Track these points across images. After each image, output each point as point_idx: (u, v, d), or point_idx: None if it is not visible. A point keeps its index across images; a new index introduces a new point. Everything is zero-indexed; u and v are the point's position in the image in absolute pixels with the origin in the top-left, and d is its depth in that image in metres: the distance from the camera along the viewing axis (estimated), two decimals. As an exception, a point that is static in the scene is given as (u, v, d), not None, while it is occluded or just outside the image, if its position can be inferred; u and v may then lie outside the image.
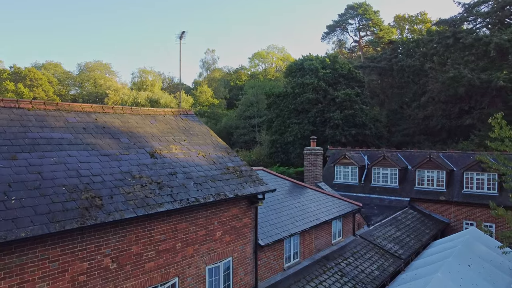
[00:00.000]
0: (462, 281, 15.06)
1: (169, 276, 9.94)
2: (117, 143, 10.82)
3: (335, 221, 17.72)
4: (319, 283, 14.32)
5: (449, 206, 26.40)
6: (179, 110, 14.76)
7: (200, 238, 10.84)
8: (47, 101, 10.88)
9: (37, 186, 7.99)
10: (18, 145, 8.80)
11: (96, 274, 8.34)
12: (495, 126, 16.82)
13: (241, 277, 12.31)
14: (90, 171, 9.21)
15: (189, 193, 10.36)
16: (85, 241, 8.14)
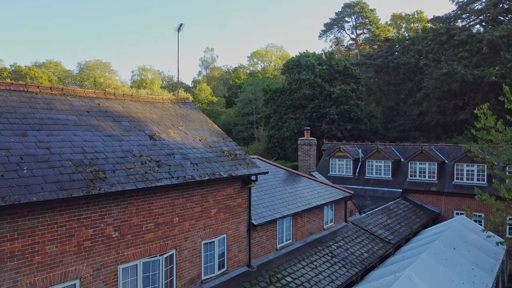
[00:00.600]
0: (447, 261, 15.82)
1: (167, 248, 10.69)
2: (118, 125, 11.58)
3: (327, 207, 18.48)
4: (310, 262, 15.08)
5: (440, 197, 27.16)
6: (177, 98, 15.53)
7: (196, 214, 11.60)
8: (53, 86, 11.62)
9: (46, 159, 8.74)
10: (28, 124, 9.55)
11: (99, 241, 9.10)
12: (481, 117, 17.61)
13: (235, 253, 13.06)
14: (94, 148, 9.97)
15: (185, 171, 11.12)
16: (90, 209, 8.90)
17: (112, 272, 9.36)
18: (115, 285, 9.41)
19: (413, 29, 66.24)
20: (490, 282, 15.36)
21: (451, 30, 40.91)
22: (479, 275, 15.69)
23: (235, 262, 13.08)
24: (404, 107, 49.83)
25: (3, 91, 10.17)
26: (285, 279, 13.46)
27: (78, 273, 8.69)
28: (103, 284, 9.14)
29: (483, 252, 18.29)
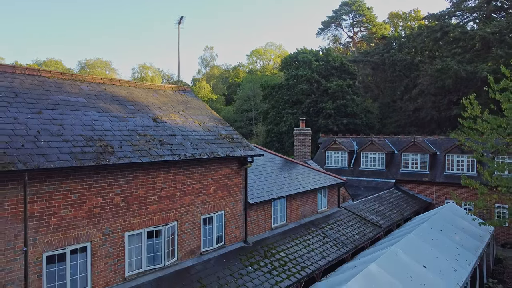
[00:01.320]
0: (432, 241, 16.75)
1: (169, 219, 11.61)
2: (124, 108, 12.50)
3: (320, 191, 19.40)
4: (303, 241, 16.00)
5: (431, 187, 28.08)
6: (178, 86, 16.45)
7: (196, 190, 12.52)
8: (63, 72, 12.53)
9: (60, 134, 9.67)
10: (42, 104, 10.47)
11: (108, 208, 10.02)
12: (468, 106, 18.49)
13: (232, 229, 13.98)
14: (102, 127, 10.90)
15: (186, 150, 12.05)
16: (99, 179, 9.82)
17: (119, 238, 10.28)
18: (122, 250, 10.33)
19: (410, 27, 67.21)
20: (473, 261, 16.27)
21: (445, 27, 41.85)
22: (463, 254, 16.61)
23: (232, 238, 14.00)
24: (400, 103, 50.75)
25: (18, 75, 11.10)
26: (279, 254, 14.38)
27: (89, 237, 9.61)
28: (111, 248, 10.07)
29: (468, 235, 19.21)
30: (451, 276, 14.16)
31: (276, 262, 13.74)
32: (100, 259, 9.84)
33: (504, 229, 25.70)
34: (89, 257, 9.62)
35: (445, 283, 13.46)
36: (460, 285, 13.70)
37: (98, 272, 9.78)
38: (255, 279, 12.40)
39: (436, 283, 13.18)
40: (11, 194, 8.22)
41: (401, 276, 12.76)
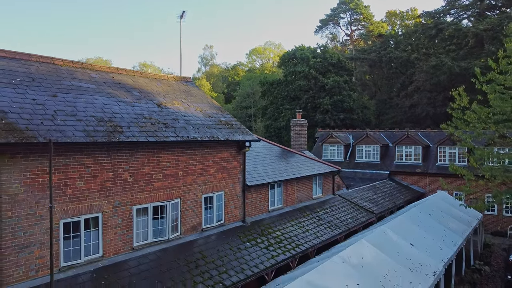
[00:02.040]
0: (421, 223, 17.68)
1: (173, 196, 12.55)
2: (130, 95, 13.43)
3: (316, 178, 20.33)
4: (298, 223, 16.94)
5: (424, 178, 29.03)
6: (180, 77, 17.39)
7: (198, 171, 13.46)
8: (73, 60, 13.46)
9: (74, 114, 10.61)
10: (57, 88, 11.40)
11: (118, 183, 10.96)
12: (456, 97, 19.40)
13: (231, 209, 14.92)
14: (112, 110, 11.83)
15: (189, 133, 12.98)
16: (110, 156, 10.76)
17: (128, 211, 11.22)
18: (130, 222, 11.27)
19: (407, 25, 68.21)
20: (459, 242, 17.23)
21: (439, 24, 42.83)
22: (450, 236, 17.56)
23: (231, 217, 14.94)
24: (396, 99, 51.72)
25: (34, 62, 12.04)
26: (275, 233, 15.32)
27: (101, 208, 10.55)
28: (120, 219, 11.01)
29: (457, 220, 20.16)
30: (436, 254, 15.10)
31: (272, 240, 14.68)
32: (111, 229, 10.78)
33: (494, 218, 26.67)
34: (100, 227, 10.56)
35: (431, 259, 14.40)
36: (444, 261, 14.65)
37: (108, 240, 10.72)
38: (252, 253, 13.34)
39: (421, 259, 14.11)
40: (32, 165, 9.16)
41: (389, 251, 13.69)
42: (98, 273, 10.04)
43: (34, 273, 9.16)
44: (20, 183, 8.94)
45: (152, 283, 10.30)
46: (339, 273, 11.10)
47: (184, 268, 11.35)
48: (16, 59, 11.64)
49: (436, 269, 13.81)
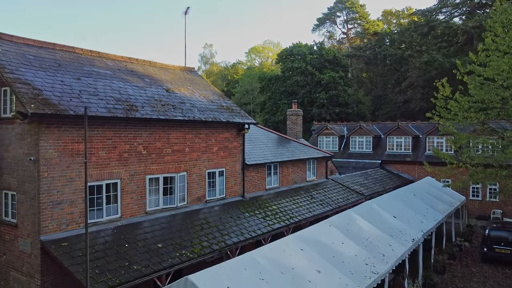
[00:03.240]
0: (405, 201, 19.30)
1: (180, 170, 14.19)
2: (142, 81, 15.06)
3: (309, 162, 21.97)
4: (293, 200, 18.59)
5: (414, 166, 30.68)
6: (185, 67, 19.03)
7: (202, 148, 15.10)
8: (91, 50, 15.08)
9: (96, 94, 12.24)
10: (79, 72, 13.04)
11: (133, 154, 12.60)
12: (440, 88, 21.02)
13: (232, 185, 16.56)
14: (127, 92, 13.46)
15: (194, 114, 14.62)
16: (127, 130, 12.40)
17: (142, 180, 12.85)
18: (144, 189, 12.90)
19: (403, 24, 69.88)
20: (439, 217, 18.88)
21: (431, 22, 44.51)
22: (431, 213, 19.21)
23: (232, 192, 16.58)
24: (391, 95, 53.40)
25: (58, 50, 13.67)
26: (271, 207, 16.96)
27: (119, 175, 12.19)
28: (136, 186, 12.64)
29: (440, 201, 21.80)
30: (417, 225, 16.76)
31: (269, 212, 16.33)
32: (127, 194, 12.41)
33: (478, 203, 28.30)
34: (119, 191, 12.19)
35: (411, 229, 16.06)
36: (424, 232, 16.31)
37: (126, 204, 12.35)
38: (250, 221, 14.98)
39: (402, 228, 15.77)
40: (64, 135, 10.79)
41: (373, 220, 15.32)
42: (118, 230, 11.68)
43: (65, 226, 10.79)
44: (54, 149, 10.57)
45: (164, 239, 11.94)
46: (326, 233, 12.75)
47: (191, 230, 12.99)
48: (43, 48, 13.27)
49: (415, 236, 15.49)
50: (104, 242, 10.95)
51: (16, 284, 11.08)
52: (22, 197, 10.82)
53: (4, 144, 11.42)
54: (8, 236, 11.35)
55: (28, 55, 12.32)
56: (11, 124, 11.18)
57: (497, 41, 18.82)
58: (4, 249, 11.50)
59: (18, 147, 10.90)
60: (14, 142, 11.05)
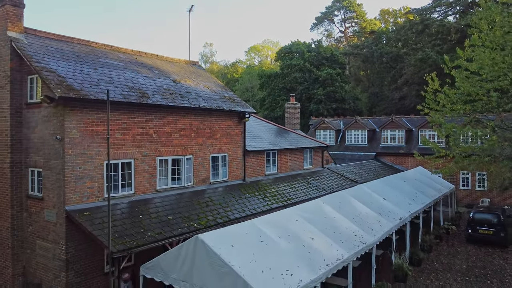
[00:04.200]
0: (394, 186, 20.58)
1: (187, 153, 15.52)
2: (151, 72, 16.38)
3: (306, 151, 23.30)
4: (290, 184, 19.92)
5: (407, 158, 32.01)
6: (189, 60, 20.35)
7: (207, 134, 16.43)
8: (105, 44, 16.39)
9: (112, 82, 13.56)
10: (96, 63, 14.36)
11: (145, 137, 13.92)
12: (429, 82, 22.33)
13: (233, 169, 17.89)
14: (139, 82, 14.79)
15: (199, 102, 15.95)
16: (140, 115, 13.72)
17: (153, 160, 14.18)
18: (154, 169, 14.23)
19: (399, 23, 71.27)
20: (427, 201, 20.21)
21: (425, 20, 45.89)
22: (420, 197, 20.54)
23: (234, 176, 17.91)
24: (387, 92, 54.79)
25: (75, 44, 14.99)
26: (270, 190, 18.30)
27: (133, 155, 13.51)
28: (147, 166, 13.97)
29: (429, 187, 23.13)
30: (405, 207, 18.10)
31: (268, 194, 17.67)
32: (140, 173, 13.74)
33: (468, 192, 29.67)
34: (133, 170, 13.52)
35: (399, 209, 17.39)
36: (411, 212, 17.64)
37: (138, 181, 13.67)
38: (251, 201, 16.31)
39: (391, 208, 17.10)
40: (85, 117, 12.11)
41: (364, 200, 16.65)
42: (132, 204, 13.01)
43: (86, 199, 12.12)
44: (77, 130, 11.89)
45: (174, 213, 13.27)
46: (320, 208, 14.07)
47: (197, 207, 14.32)
48: (62, 41, 14.60)
49: (402, 216, 16.84)
50: (121, 213, 12.27)
51: (42, 251, 12.41)
52: (48, 173, 12.14)
53: (30, 126, 12.74)
54: (34, 209, 12.67)
55: (50, 47, 13.64)
56: (37, 108, 12.50)
57: (482, 37, 20.11)
58: (30, 220, 12.82)
59: (44, 128, 12.22)
60: (40, 124, 12.37)
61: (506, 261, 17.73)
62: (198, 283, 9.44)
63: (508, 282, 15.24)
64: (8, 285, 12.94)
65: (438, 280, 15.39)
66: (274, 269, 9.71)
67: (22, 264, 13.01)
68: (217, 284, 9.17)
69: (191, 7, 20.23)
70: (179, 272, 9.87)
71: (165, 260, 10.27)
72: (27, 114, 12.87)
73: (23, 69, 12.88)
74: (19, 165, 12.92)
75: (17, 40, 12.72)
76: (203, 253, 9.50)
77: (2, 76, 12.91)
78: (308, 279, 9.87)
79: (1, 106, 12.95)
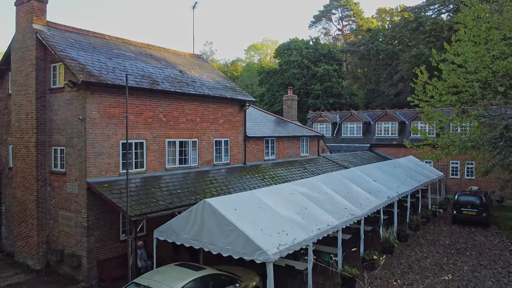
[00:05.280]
0: (386, 171, 22.04)
1: (193, 136, 16.98)
2: (159, 63, 17.83)
3: (303, 139, 24.77)
4: (287, 169, 21.39)
5: (399, 149, 33.49)
6: (193, 54, 21.81)
7: (210, 119, 17.89)
8: (117, 37, 17.84)
9: (125, 70, 15.02)
10: (110, 54, 15.81)
11: (156, 120, 15.38)
12: (418, 75, 23.78)
13: (235, 153, 19.36)
14: (149, 71, 16.24)
15: (204, 90, 17.42)
16: (151, 100, 15.18)
17: (162, 142, 15.64)
18: (164, 150, 15.69)
19: (396, 21, 72.76)
20: (415, 184, 21.68)
21: (419, 18, 47.39)
22: (408, 181, 22.01)
23: (235, 160, 19.38)
24: (383, 88, 56.31)
25: (91, 36, 16.45)
26: (269, 172, 19.77)
27: (145, 136, 14.97)
28: (157, 147, 15.43)
29: (418, 173, 24.60)
30: (394, 188, 19.56)
31: (267, 176, 19.14)
32: (151, 153, 15.20)
33: (458, 180, 31.18)
34: (144, 149, 14.98)
35: (388, 190, 18.85)
36: (399, 193, 19.08)
37: (150, 160, 15.14)
38: (251, 181, 17.78)
39: (380, 189, 18.56)
40: (103, 100, 13.57)
41: (355, 181, 18.11)
42: (144, 180, 14.47)
43: (104, 173, 13.58)
44: (96, 111, 13.35)
45: (182, 188, 14.74)
46: (314, 185, 15.54)
47: (203, 183, 15.79)
48: (79, 33, 16.05)
49: (390, 195, 18.31)
50: (135, 186, 13.73)
51: (64, 220, 13.87)
52: (70, 150, 13.60)
53: (53, 109, 14.20)
54: (57, 183, 14.13)
55: (70, 39, 15.09)
56: (60, 93, 13.96)
57: (467, 32, 21.56)
58: (54, 193, 14.29)
59: (67, 110, 13.68)
60: (63, 107, 13.82)
61: (486, 238, 19.23)
62: (207, 240, 10.93)
63: (486, 254, 16.74)
64: (33, 252, 14.41)
65: (422, 253, 16.87)
66: (272, 229, 11.19)
67: (46, 233, 14.48)
68: (224, 240, 10.64)
69: (194, 4, 21.63)
70: (189, 232, 11.35)
71: (176, 223, 11.76)
72: (50, 99, 14.33)
73: (46, 58, 14.35)
74: (43, 145, 14.38)
75: (42, 32, 14.17)
76: (211, 215, 10.98)
77: (28, 64, 14.37)
78: (301, 238, 11.36)
79: (27, 91, 14.41)
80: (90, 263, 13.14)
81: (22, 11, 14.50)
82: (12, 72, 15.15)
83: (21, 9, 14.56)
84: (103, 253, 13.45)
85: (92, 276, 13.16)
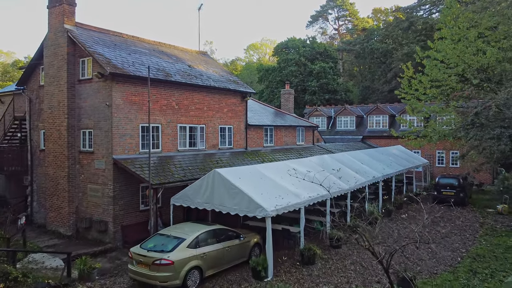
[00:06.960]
0: (373, 156, 24.36)
1: (200, 122, 19.29)
2: (170, 58, 20.14)
3: (299, 129, 27.09)
4: (284, 155, 23.71)
5: (390, 140, 35.79)
6: (199, 51, 24.14)
7: (216, 108, 20.20)
8: (133, 35, 20.13)
9: (143, 64, 17.32)
10: (129, 50, 18.11)
11: (169, 108, 17.69)
12: (405, 70, 26.08)
13: (237, 140, 21.67)
14: (163, 65, 18.55)
15: (210, 82, 19.74)
16: (165, 90, 17.49)
17: (175, 126, 17.94)
18: (176, 133, 18.00)
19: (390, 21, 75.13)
20: (399, 168, 24.02)
21: (411, 18, 49.77)
22: (394, 165, 24.34)
23: (238, 145, 21.69)
24: (378, 86, 58.68)
25: (111, 35, 18.76)
26: (268, 157, 22.09)
27: (160, 121, 17.28)
28: (171, 130, 17.73)
29: (404, 160, 26.94)
30: (379, 170, 21.87)
31: (266, 159, 21.46)
32: (165, 135, 17.51)
33: (443, 169, 33.51)
34: (160, 132, 17.28)
35: (374, 171, 21.16)
36: (383, 174, 21.40)
37: (164, 142, 17.45)
38: (252, 163, 20.07)
39: (367, 170, 20.88)
40: (126, 89, 15.87)
41: (344, 163, 20.41)
42: (160, 158, 16.77)
43: (127, 152, 15.88)
44: (120, 99, 15.65)
45: (192, 165, 17.05)
46: (308, 162, 17.85)
47: (210, 163, 18.10)
48: (102, 32, 18.36)
49: (375, 175, 20.64)
50: (153, 163, 16.03)
51: (92, 192, 16.17)
52: (98, 132, 15.90)
53: (82, 97, 16.50)
54: (86, 161, 16.43)
55: (94, 37, 17.39)
56: (88, 83, 16.25)
57: (447, 31, 23.87)
58: (82, 170, 16.59)
59: (95, 98, 15.98)
60: (91, 95, 16.12)
61: (461, 214, 21.57)
62: (218, 202, 13.24)
63: (459, 225, 19.08)
64: (65, 221, 16.71)
65: (402, 225, 19.19)
66: (270, 194, 13.51)
67: (75, 204, 16.78)
68: (231, 201, 12.96)
69: (200, 6, 23.94)
70: (202, 197, 13.66)
71: (190, 190, 14.08)
72: (79, 88, 16.62)
73: (76, 53, 16.65)
74: (73, 128, 16.68)
75: (72, 31, 16.47)
76: (220, 181, 13.30)
77: (60, 59, 16.66)
78: (294, 202, 13.70)
79: (59, 82, 16.71)
80: (116, 228, 15.45)
81: (54, 13, 16.79)
82: (45, 66, 17.44)
83: (53, 11, 16.86)
84: (126, 220, 15.76)
85: (117, 239, 15.47)
